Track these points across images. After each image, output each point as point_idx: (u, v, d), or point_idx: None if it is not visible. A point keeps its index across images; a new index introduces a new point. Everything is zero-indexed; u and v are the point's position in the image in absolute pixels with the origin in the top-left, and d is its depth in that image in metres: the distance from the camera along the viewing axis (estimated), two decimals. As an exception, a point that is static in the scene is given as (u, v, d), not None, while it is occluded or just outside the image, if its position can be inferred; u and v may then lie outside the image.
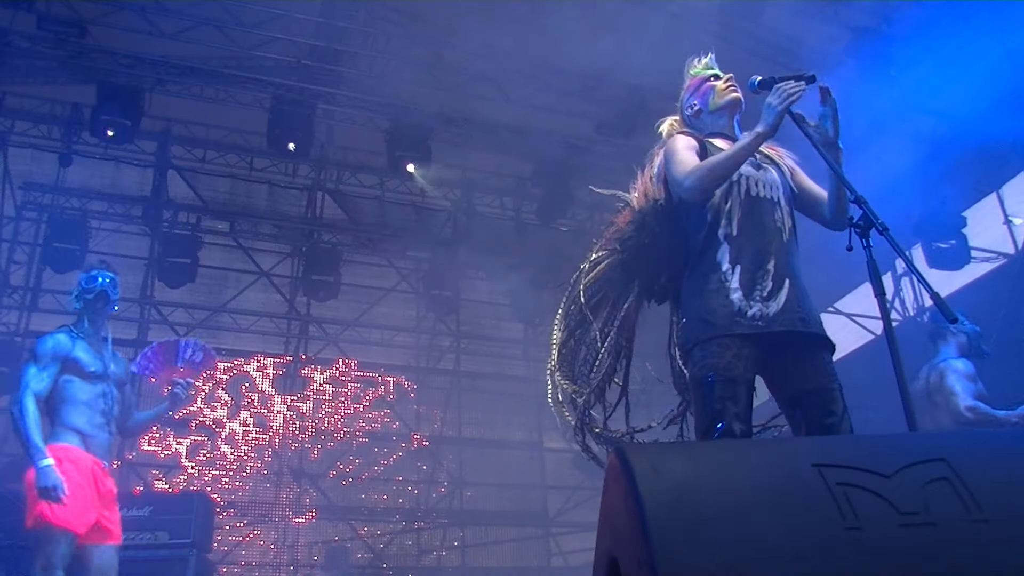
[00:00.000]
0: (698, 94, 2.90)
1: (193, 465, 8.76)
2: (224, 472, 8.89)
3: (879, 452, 1.57)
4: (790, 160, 2.88)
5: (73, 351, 3.93)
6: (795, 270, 2.64)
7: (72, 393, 3.86)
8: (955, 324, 4.24)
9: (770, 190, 2.70)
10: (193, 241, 9.30)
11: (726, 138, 2.82)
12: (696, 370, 2.53)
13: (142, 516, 5.46)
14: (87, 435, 3.85)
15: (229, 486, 8.90)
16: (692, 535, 1.39)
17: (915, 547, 1.38)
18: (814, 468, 1.48)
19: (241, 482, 9.01)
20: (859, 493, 1.44)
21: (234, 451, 9.01)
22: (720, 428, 2.40)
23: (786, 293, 2.57)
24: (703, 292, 2.57)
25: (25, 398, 3.73)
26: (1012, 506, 1.44)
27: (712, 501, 1.46)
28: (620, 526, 1.55)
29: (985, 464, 1.53)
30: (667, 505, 1.43)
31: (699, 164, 2.60)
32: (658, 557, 1.35)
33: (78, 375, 3.89)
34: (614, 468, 1.57)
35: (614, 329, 2.86)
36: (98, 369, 3.96)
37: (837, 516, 1.41)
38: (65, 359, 3.89)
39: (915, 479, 1.47)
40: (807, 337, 2.57)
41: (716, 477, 1.53)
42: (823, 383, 2.54)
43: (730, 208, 2.65)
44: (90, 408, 3.89)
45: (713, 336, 2.51)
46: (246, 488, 9.02)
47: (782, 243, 2.65)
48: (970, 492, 1.45)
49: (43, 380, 3.82)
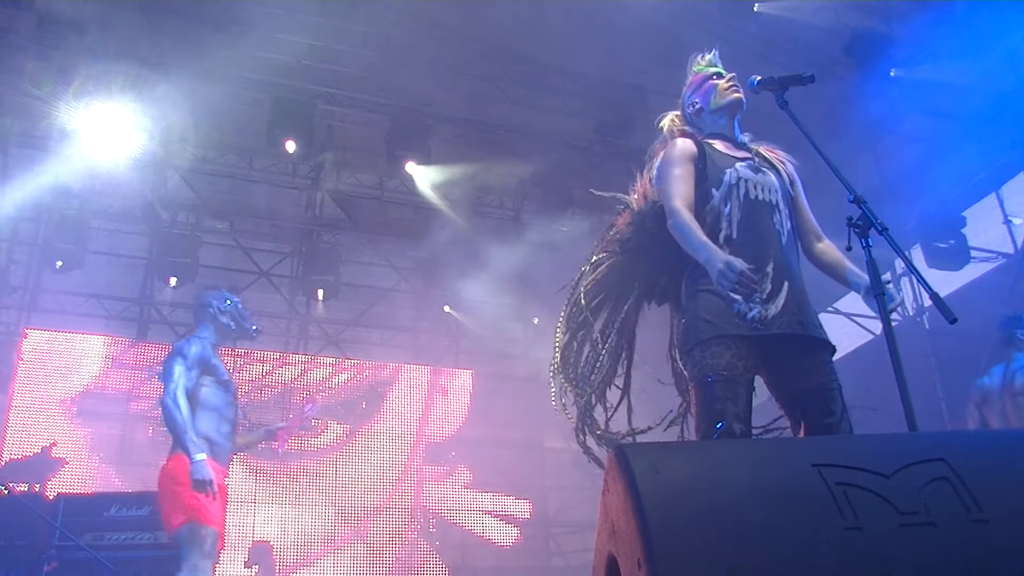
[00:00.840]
0: (699, 92, 2.90)
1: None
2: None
3: (879, 452, 1.57)
4: (791, 168, 2.89)
5: (213, 357, 4.07)
6: (794, 272, 2.66)
7: (207, 398, 3.97)
8: (954, 323, 4.27)
9: (769, 193, 2.72)
10: (193, 241, 9.30)
11: (725, 139, 2.83)
12: (696, 370, 2.53)
13: (141, 516, 5.44)
14: (215, 443, 3.94)
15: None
16: (691, 535, 1.39)
17: (915, 547, 1.39)
18: (814, 468, 1.49)
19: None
20: (859, 493, 1.44)
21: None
22: (720, 428, 2.40)
23: (785, 295, 2.58)
24: (702, 293, 2.57)
25: (177, 392, 3.84)
26: (1011, 506, 1.44)
27: (712, 501, 1.46)
28: (620, 526, 1.55)
29: (985, 464, 1.53)
30: (667, 505, 1.43)
31: (679, 211, 2.60)
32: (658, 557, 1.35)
33: (215, 381, 4.01)
34: (614, 468, 1.57)
35: (614, 331, 2.86)
36: (229, 378, 4.09)
37: (837, 516, 1.41)
38: (207, 364, 4.02)
39: (915, 479, 1.48)
40: (806, 339, 2.58)
41: (716, 477, 1.53)
42: (822, 383, 2.55)
43: (729, 211, 2.66)
44: (220, 416, 4.01)
45: (713, 336, 2.51)
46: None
47: (781, 246, 2.66)
48: (970, 492, 1.45)
49: (191, 380, 3.94)
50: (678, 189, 2.66)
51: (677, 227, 2.59)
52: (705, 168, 2.72)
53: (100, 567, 5.11)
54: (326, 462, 9.45)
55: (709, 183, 2.69)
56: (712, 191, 2.68)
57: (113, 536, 5.34)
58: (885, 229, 2.28)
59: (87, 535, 5.27)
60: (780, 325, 2.54)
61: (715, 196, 2.67)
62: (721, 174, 2.70)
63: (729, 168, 2.72)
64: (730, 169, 2.72)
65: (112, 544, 5.30)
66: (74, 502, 5.56)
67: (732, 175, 2.70)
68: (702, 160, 2.73)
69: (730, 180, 2.69)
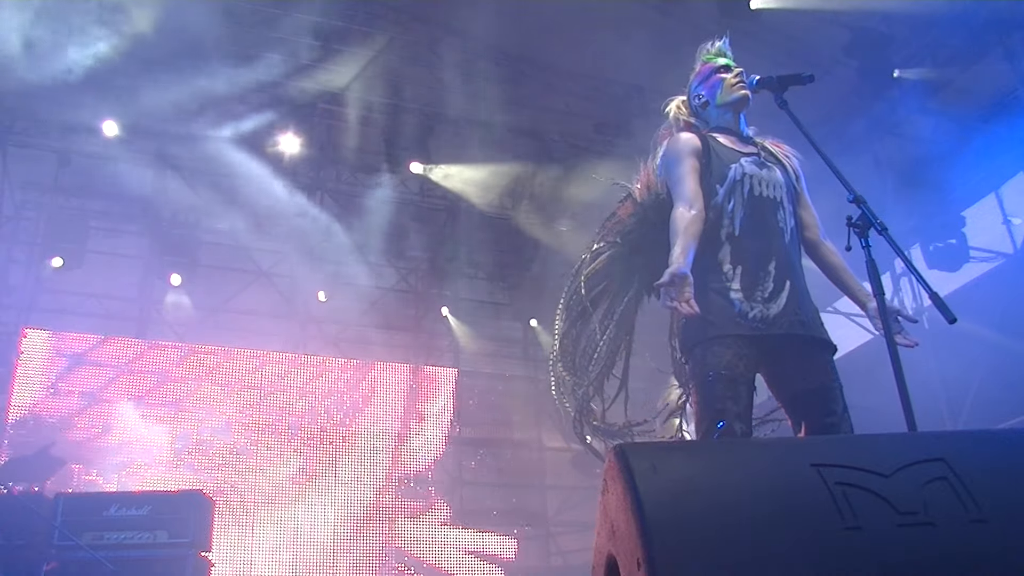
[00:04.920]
0: (706, 85, 2.85)
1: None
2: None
3: (878, 452, 1.57)
4: (796, 163, 2.86)
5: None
6: (796, 271, 2.64)
7: None
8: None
9: (773, 190, 2.69)
10: (192, 241, 9.29)
11: (730, 134, 2.80)
12: (697, 369, 2.53)
13: (140, 515, 5.45)
14: None
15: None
16: (691, 535, 1.39)
17: (914, 547, 1.38)
18: (813, 468, 1.48)
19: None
20: (858, 493, 1.44)
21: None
22: (721, 427, 2.40)
23: (787, 295, 2.57)
24: (704, 291, 2.56)
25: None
26: (1010, 506, 1.44)
27: (711, 501, 1.46)
28: (619, 525, 1.54)
29: (983, 464, 1.53)
30: (666, 505, 1.43)
31: (675, 211, 2.59)
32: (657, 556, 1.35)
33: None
34: (613, 467, 1.57)
35: (613, 323, 2.85)
36: None
37: (836, 516, 1.41)
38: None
39: (914, 479, 1.48)
40: (807, 339, 2.58)
41: (715, 477, 1.53)
42: (823, 382, 2.54)
43: (733, 208, 2.64)
44: None
45: (714, 336, 2.51)
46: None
47: (784, 244, 2.64)
48: (969, 492, 1.45)
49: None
50: (685, 187, 2.63)
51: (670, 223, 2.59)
52: (709, 163, 2.68)
53: (100, 567, 5.11)
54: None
55: (713, 179, 2.66)
56: (716, 187, 2.66)
57: (113, 536, 5.34)
58: (885, 229, 2.28)
59: (87, 535, 5.27)
60: (781, 325, 2.53)
61: (719, 192, 2.65)
62: (726, 169, 2.67)
63: (734, 164, 2.69)
64: (735, 165, 2.69)
65: (112, 544, 5.30)
66: (74, 502, 5.57)
67: (737, 171, 2.68)
68: (706, 155, 2.69)
69: (734, 176, 2.66)
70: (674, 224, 2.55)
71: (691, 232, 2.53)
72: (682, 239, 2.50)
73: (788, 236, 2.67)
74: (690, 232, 2.53)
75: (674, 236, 2.52)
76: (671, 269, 2.39)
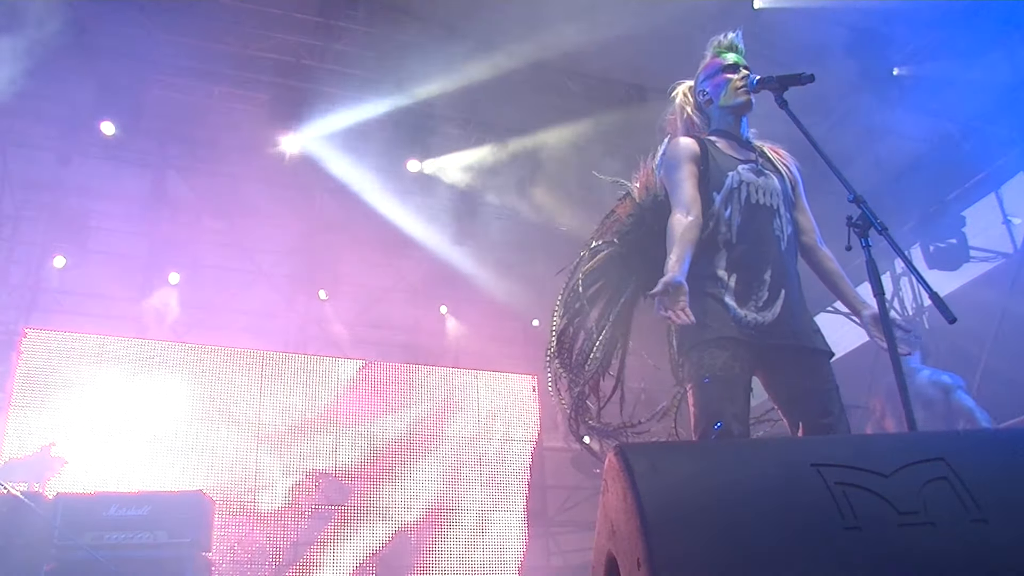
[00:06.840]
0: (712, 83, 2.85)
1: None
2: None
3: (878, 452, 1.57)
4: (794, 170, 2.87)
5: None
6: (792, 280, 2.65)
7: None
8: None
9: (770, 197, 2.70)
10: (192, 241, 9.29)
11: (730, 138, 2.81)
12: (693, 371, 2.53)
13: (140, 515, 5.44)
14: None
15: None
16: (691, 535, 1.39)
17: (914, 547, 1.39)
18: (813, 468, 1.49)
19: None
20: (858, 493, 1.44)
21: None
22: (718, 428, 2.40)
23: (781, 303, 2.58)
24: (699, 296, 2.56)
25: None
26: (1010, 506, 1.44)
27: (711, 501, 1.46)
28: (619, 525, 1.54)
29: (984, 464, 1.53)
30: (666, 505, 1.43)
31: (672, 218, 2.60)
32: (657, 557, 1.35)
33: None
34: (613, 467, 1.57)
35: (609, 322, 2.85)
36: None
37: (836, 516, 1.41)
38: None
39: (914, 479, 1.48)
40: (801, 348, 2.59)
41: (715, 477, 1.53)
42: (819, 384, 2.55)
43: (730, 215, 2.65)
44: None
45: (710, 338, 2.51)
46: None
47: (779, 252, 2.65)
48: (969, 492, 1.45)
49: None
50: (683, 193, 2.64)
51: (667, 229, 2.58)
52: (707, 170, 2.69)
53: (100, 567, 5.11)
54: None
55: (711, 186, 2.67)
56: (713, 194, 2.67)
57: (113, 536, 5.34)
58: (885, 229, 2.28)
59: (87, 535, 5.27)
60: (774, 335, 2.55)
61: (716, 200, 2.66)
62: (723, 176, 2.68)
63: (731, 171, 2.70)
64: (732, 172, 2.70)
65: (112, 544, 5.30)
66: (73, 502, 5.56)
67: (734, 178, 2.69)
68: (704, 161, 2.70)
69: (732, 184, 2.67)
70: (671, 230, 2.56)
71: (687, 239, 2.54)
72: (678, 246, 2.50)
73: (784, 244, 2.68)
74: (686, 239, 2.53)
75: (670, 242, 2.52)
76: (665, 278, 2.38)
